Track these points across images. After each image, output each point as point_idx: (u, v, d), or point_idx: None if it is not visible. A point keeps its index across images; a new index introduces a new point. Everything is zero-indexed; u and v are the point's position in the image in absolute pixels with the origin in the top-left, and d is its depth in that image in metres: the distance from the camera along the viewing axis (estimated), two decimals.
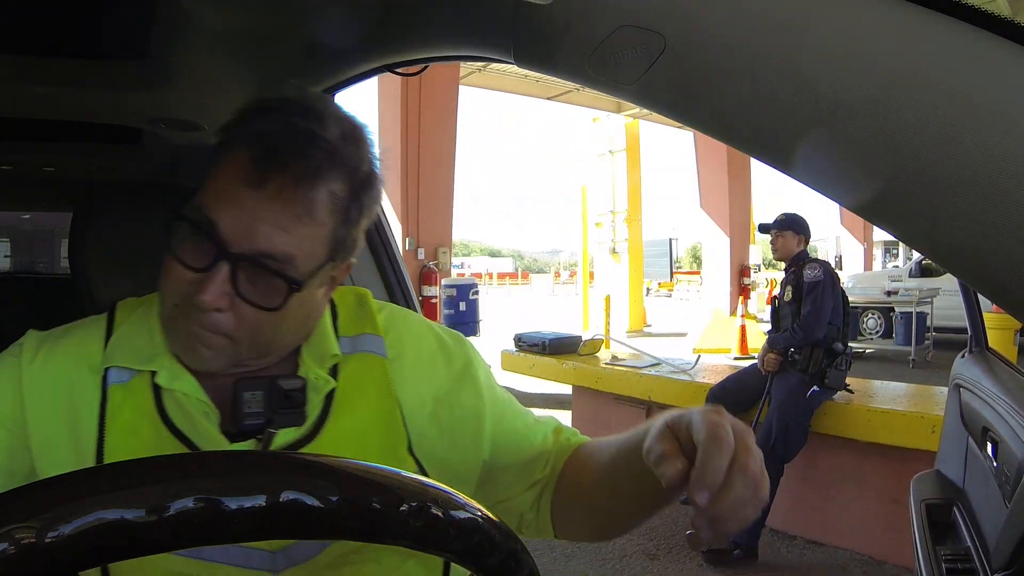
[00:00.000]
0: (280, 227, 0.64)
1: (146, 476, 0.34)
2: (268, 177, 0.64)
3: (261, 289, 0.66)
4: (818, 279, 3.49)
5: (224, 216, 0.64)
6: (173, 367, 0.70)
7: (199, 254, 0.65)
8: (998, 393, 1.06)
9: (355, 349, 0.76)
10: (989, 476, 1.00)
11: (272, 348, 0.71)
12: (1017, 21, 0.41)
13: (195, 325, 0.66)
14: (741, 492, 0.51)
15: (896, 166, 0.46)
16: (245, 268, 0.64)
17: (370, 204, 0.73)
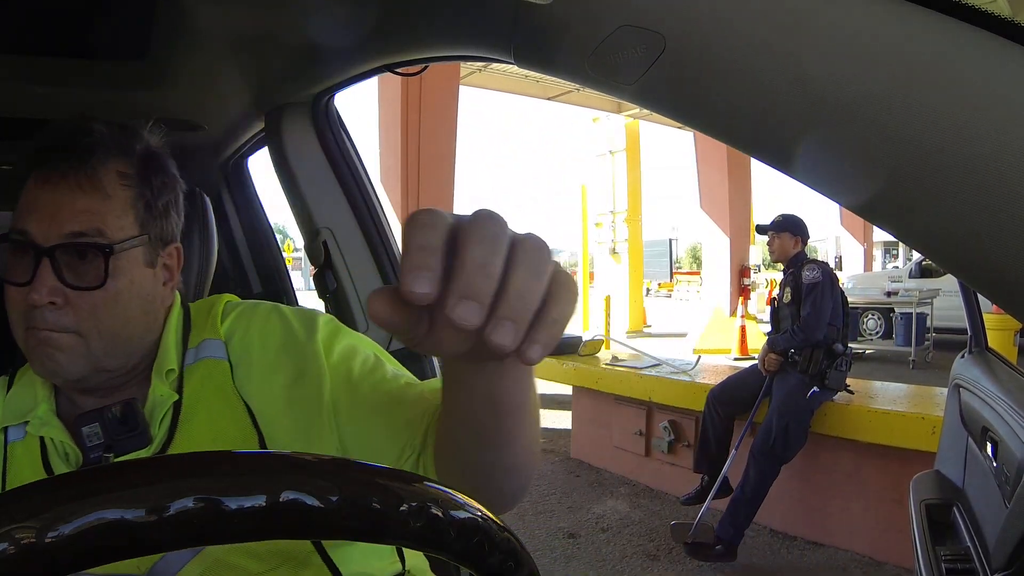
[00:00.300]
0: (77, 208, 0.70)
1: (146, 476, 0.34)
2: (52, 172, 0.71)
3: (83, 271, 0.70)
4: (817, 280, 3.49)
5: (30, 221, 0.70)
6: (45, 415, 0.74)
7: (24, 267, 0.69)
8: (998, 393, 1.06)
9: (197, 357, 0.78)
10: (989, 476, 1.00)
11: (122, 339, 0.73)
12: (1017, 21, 0.41)
13: (40, 331, 0.69)
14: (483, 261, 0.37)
15: (896, 166, 0.46)
16: (63, 256, 0.69)
17: (163, 184, 0.79)
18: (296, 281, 2.71)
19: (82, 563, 0.31)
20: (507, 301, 0.37)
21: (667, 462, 4.31)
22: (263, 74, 1.33)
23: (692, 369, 4.43)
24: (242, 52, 1.22)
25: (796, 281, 3.59)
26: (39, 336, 0.69)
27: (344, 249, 1.45)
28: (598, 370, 4.70)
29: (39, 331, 0.69)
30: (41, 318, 0.69)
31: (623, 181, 12.66)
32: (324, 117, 1.43)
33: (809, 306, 3.46)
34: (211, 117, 1.62)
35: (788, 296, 3.63)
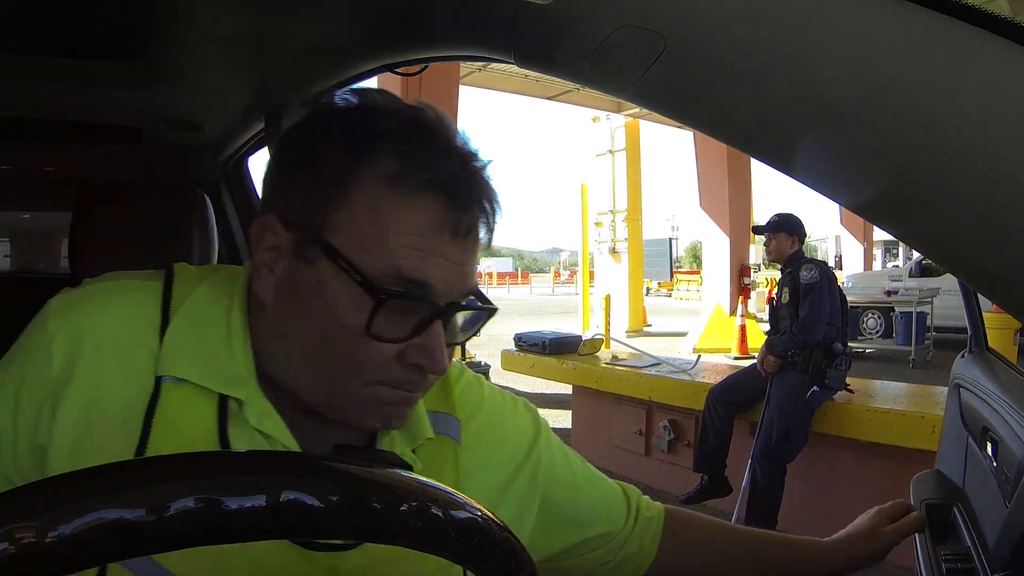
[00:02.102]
0: (474, 262, 0.61)
1: (146, 476, 0.34)
2: (469, 225, 0.58)
3: (458, 326, 0.62)
4: (814, 280, 3.49)
5: (435, 275, 0.57)
6: (261, 402, 0.61)
7: (400, 320, 0.57)
8: (998, 392, 1.06)
9: (436, 430, 0.70)
10: (989, 476, 1.00)
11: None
12: (1017, 21, 0.41)
13: (411, 394, 0.60)
14: None
15: (896, 166, 0.46)
16: (449, 315, 0.60)
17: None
18: None
19: (82, 563, 0.31)
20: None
21: (667, 461, 4.32)
22: (263, 74, 1.33)
23: (692, 368, 4.43)
24: (242, 52, 1.22)
25: (794, 281, 3.59)
26: (408, 397, 0.60)
27: None
28: (598, 369, 4.71)
29: (410, 394, 0.60)
30: (420, 383, 0.60)
31: (623, 181, 12.67)
32: None
33: (807, 306, 3.46)
34: (211, 117, 1.62)
35: (786, 296, 3.63)
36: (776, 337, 3.59)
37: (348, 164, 0.56)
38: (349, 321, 0.56)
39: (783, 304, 3.66)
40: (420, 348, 0.57)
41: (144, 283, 0.64)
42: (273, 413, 0.61)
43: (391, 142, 0.57)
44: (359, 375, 0.58)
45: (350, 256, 0.55)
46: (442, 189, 0.56)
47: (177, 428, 0.58)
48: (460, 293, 0.59)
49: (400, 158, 0.56)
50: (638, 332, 12.61)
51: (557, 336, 5.22)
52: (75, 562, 0.31)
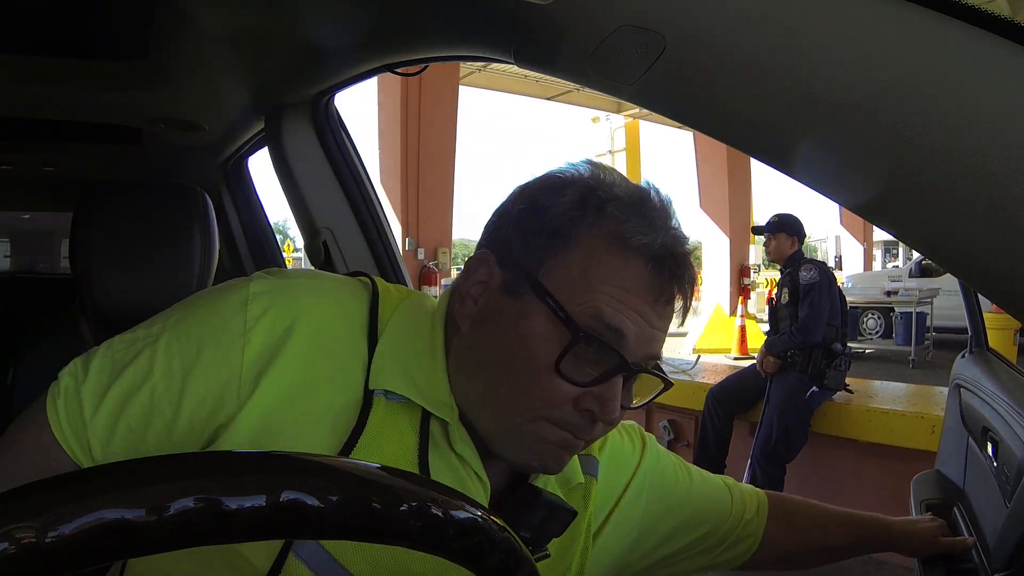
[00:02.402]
0: (665, 332, 0.63)
1: (146, 476, 0.34)
2: (671, 292, 0.61)
3: (632, 391, 0.64)
4: (814, 280, 3.49)
5: (629, 327, 0.59)
6: (460, 428, 0.62)
7: (586, 366, 0.59)
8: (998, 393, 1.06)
9: (583, 470, 0.73)
10: (989, 476, 1.00)
11: None
12: (1017, 21, 0.41)
13: (574, 440, 0.61)
14: None
15: (896, 166, 0.46)
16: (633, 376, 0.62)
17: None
18: None
19: (82, 563, 0.31)
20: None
21: None
22: (263, 74, 1.33)
23: (692, 368, 4.43)
24: (242, 52, 1.22)
25: (794, 282, 3.59)
26: (571, 442, 0.61)
27: (344, 249, 1.45)
28: None
29: (573, 439, 0.61)
30: (591, 432, 0.61)
31: None
32: (324, 117, 1.43)
33: (807, 307, 3.46)
34: (211, 117, 1.62)
35: (786, 296, 3.63)
36: (776, 337, 3.59)
37: (575, 218, 0.61)
38: (540, 354, 0.58)
39: (783, 304, 3.66)
40: (597, 397, 0.59)
41: (354, 290, 0.66)
42: (470, 442, 0.63)
43: (617, 207, 0.61)
44: (532, 409, 0.59)
45: (556, 294, 0.59)
46: (654, 257, 0.60)
47: (382, 443, 0.60)
48: (647, 356, 0.61)
49: (623, 222, 0.60)
50: None
51: None
52: (75, 562, 0.31)
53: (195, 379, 0.58)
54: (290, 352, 0.58)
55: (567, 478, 0.70)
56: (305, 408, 0.58)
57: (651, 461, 0.82)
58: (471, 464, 0.63)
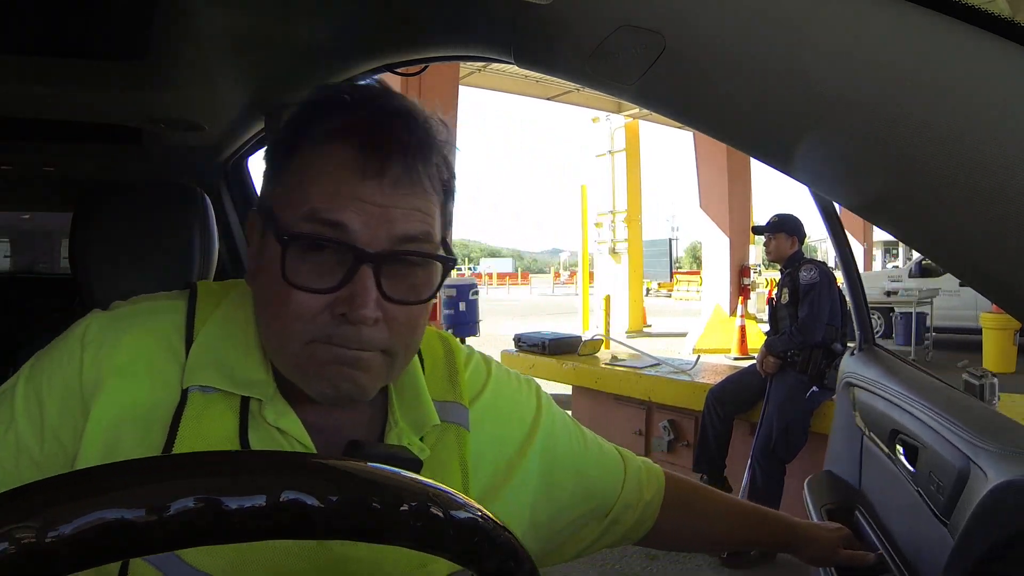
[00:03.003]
0: (412, 208, 0.59)
1: (146, 476, 0.34)
2: (387, 163, 0.58)
3: (408, 283, 0.60)
4: (814, 281, 3.49)
5: (351, 216, 0.57)
6: (279, 402, 0.63)
7: (327, 270, 0.58)
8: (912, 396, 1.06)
9: (444, 418, 0.71)
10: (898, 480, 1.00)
11: (414, 352, 0.66)
12: (1017, 21, 0.41)
13: (349, 350, 0.59)
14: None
15: (896, 166, 0.46)
16: (388, 266, 0.59)
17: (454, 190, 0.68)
18: None
19: (82, 563, 0.31)
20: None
21: (667, 461, 4.31)
22: (263, 74, 1.33)
23: (692, 369, 4.43)
24: (242, 52, 1.22)
25: (794, 282, 3.59)
26: (345, 355, 0.58)
27: None
28: (598, 370, 4.71)
29: (346, 350, 0.58)
30: (355, 336, 0.58)
31: (623, 181, 12.67)
32: None
33: (807, 307, 3.46)
34: (211, 117, 1.62)
35: (786, 297, 3.63)
36: (775, 338, 3.59)
37: (287, 137, 0.62)
38: (278, 275, 0.58)
39: (782, 304, 3.66)
40: (347, 298, 0.57)
41: (171, 303, 0.67)
42: (290, 412, 0.63)
43: (319, 107, 0.61)
44: (295, 334, 0.59)
45: (281, 212, 0.59)
46: (358, 135, 0.58)
47: (202, 432, 0.60)
48: (390, 239, 0.58)
49: (325, 116, 0.60)
50: (638, 332, 12.61)
51: (557, 336, 5.22)
52: (75, 562, 0.31)
53: (49, 411, 0.61)
54: (113, 381, 0.61)
55: (417, 422, 0.68)
56: (135, 418, 0.61)
57: (547, 420, 0.80)
58: (292, 434, 0.63)
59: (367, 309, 0.57)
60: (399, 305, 0.59)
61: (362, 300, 0.57)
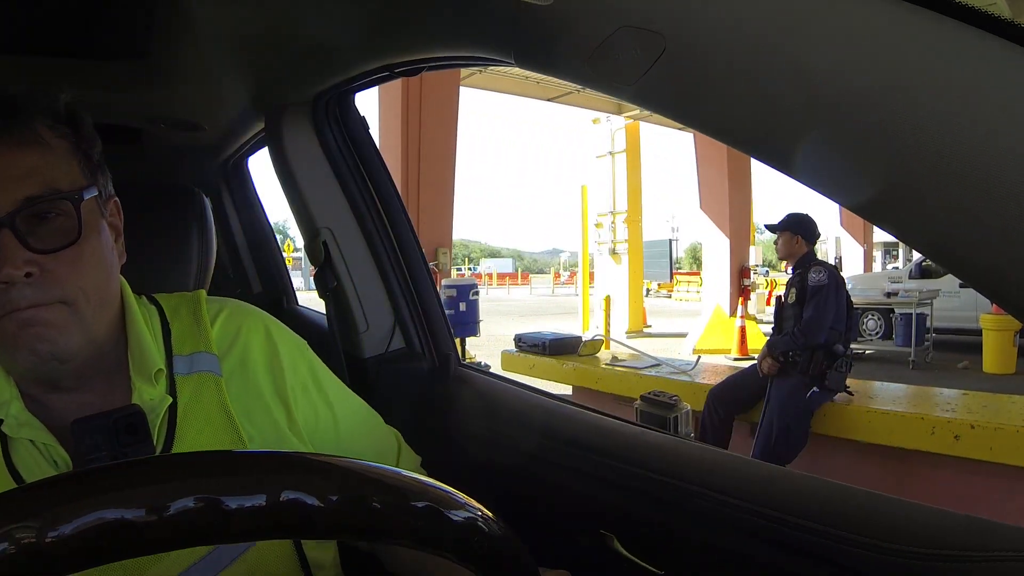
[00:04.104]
0: (24, 167, 0.63)
1: (146, 476, 0.34)
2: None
3: (51, 232, 0.63)
4: (822, 283, 3.48)
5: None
6: (21, 413, 0.66)
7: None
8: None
9: (192, 369, 0.74)
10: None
11: (107, 297, 0.69)
12: (1017, 22, 0.41)
13: (23, 312, 0.62)
14: None
15: (896, 167, 0.46)
16: (24, 223, 0.62)
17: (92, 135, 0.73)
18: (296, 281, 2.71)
19: (82, 563, 0.31)
20: None
21: None
22: (263, 74, 1.33)
23: (692, 369, 4.43)
24: (242, 52, 1.22)
25: (802, 282, 3.58)
26: (22, 317, 0.61)
27: (344, 249, 1.45)
28: (598, 370, 4.70)
29: (21, 312, 0.61)
30: (20, 296, 0.61)
31: (623, 182, 12.66)
32: (324, 117, 1.42)
33: (812, 309, 3.46)
34: (211, 117, 1.62)
35: (793, 296, 3.63)
36: (778, 338, 3.59)
37: None
38: None
39: (788, 304, 3.66)
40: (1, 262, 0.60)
41: None
42: (30, 419, 0.66)
43: None
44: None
45: None
46: None
47: None
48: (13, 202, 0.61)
49: None
50: (638, 333, 12.60)
51: (557, 337, 5.22)
52: (75, 562, 0.31)
53: None
54: None
55: (143, 372, 0.71)
56: None
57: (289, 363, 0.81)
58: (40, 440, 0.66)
59: (11, 267, 0.60)
60: (53, 254, 0.62)
61: (3, 260, 0.60)
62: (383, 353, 1.46)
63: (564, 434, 1.08)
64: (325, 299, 1.53)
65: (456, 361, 1.45)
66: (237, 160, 2.05)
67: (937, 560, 0.63)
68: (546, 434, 1.09)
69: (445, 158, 8.11)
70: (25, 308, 0.61)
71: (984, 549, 0.61)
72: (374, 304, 1.47)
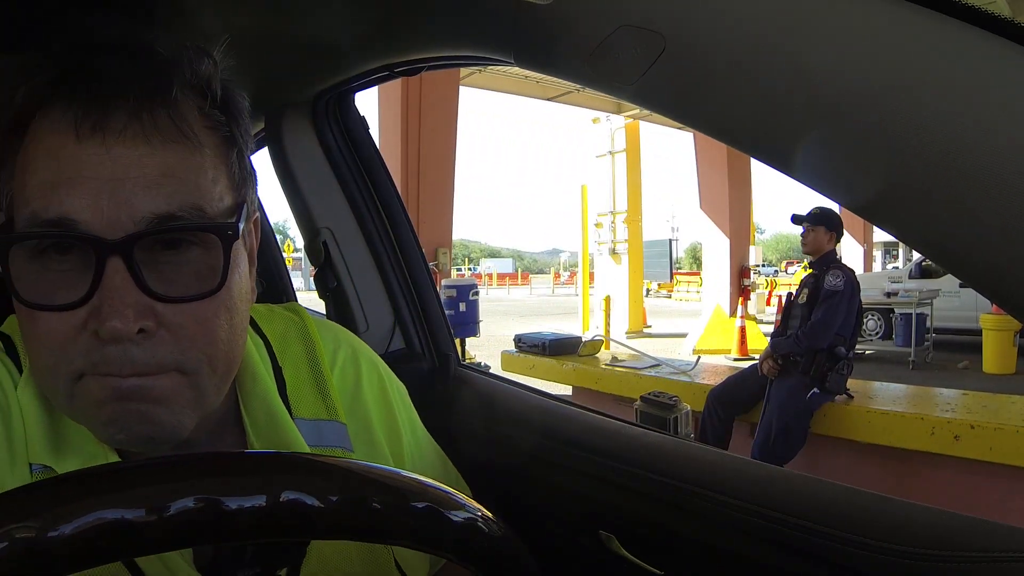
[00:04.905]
0: (160, 172, 0.44)
1: (146, 476, 0.34)
2: (107, 112, 0.44)
3: (185, 272, 0.46)
4: (837, 289, 3.43)
5: (74, 201, 0.43)
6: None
7: (70, 277, 0.44)
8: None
9: (319, 442, 0.58)
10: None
11: (232, 362, 0.50)
12: (1017, 21, 0.41)
13: (124, 379, 0.44)
14: None
15: (896, 166, 0.46)
16: (144, 254, 0.44)
17: (248, 126, 0.55)
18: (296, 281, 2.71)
19: (82, 563, 0.31)
20: None
21: None
22: (263, 74, 1.33)
23: (692, 369, 4.43)
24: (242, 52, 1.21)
25: (817, 283, 3.53)
26: (122, 388, 0.44)
27: (344, 249, 1.45)
28: (598, 370, 4.71)
29: (122, 380, 0.44)
30: (119, 358, 0.43)
31: (623, 182, 12.66)
32: (324, 117, 1.43)
33: (822, 313, 3.42)
34: None
35: (804, 296, 3.59)
36: (782, 339, 3.58)
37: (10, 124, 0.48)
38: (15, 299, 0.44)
39: (798, 303, 3.62)
40: (96, 308, 0.43)
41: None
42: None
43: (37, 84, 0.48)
44: (54, 370, 0.45)
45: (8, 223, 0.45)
46: (61, 90, 0.45)
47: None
48: (134, 219, 0.43)
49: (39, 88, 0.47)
50: (638, 333, 12.60)
51: (557, 337, 5.22)
52: (75, 562, 0.31)
53: None
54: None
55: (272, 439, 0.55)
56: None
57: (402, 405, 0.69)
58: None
59: (119, 319, 0.42)
60: (177, 304, 0.45)
61: (111, 308, 0.42)
62: (383, 353, 1.46)
63: (564, 434, 1.08)
64: (325, 299, 1.53)
65: (456, 361, 1.45)
66: None
67: (937, 560, 0.63)
68: (546, 434, 1.09)
69: (445, 158, 8.11)
70: (127, 376, 0.44)
71: (984, 549, 0.61)
72: (374, 304, 1.47)
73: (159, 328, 0.44)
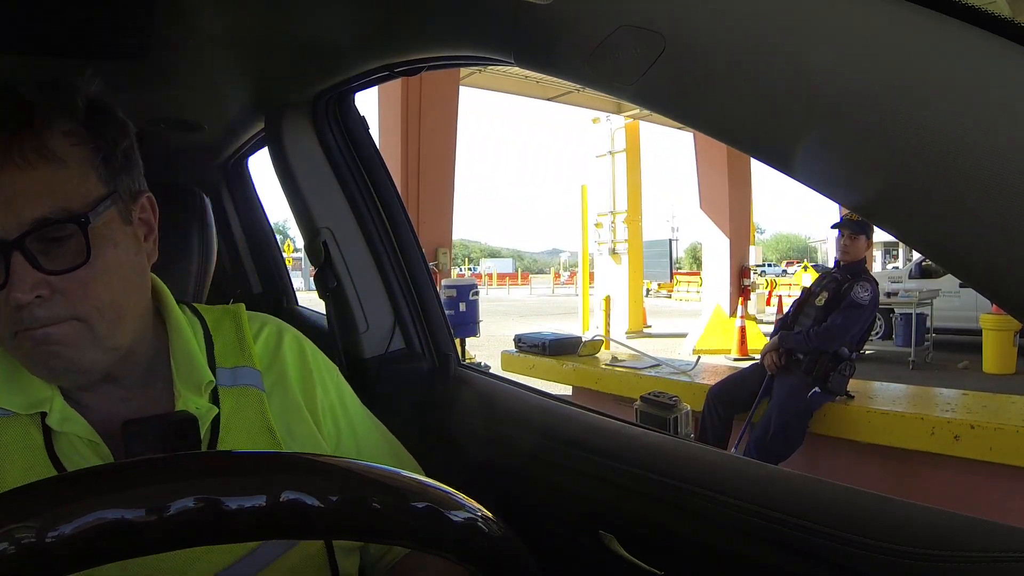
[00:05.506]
0: (35, 189, 0.62)
1: (146, 476, 0.34)
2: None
3: (61, 252, 0.63)
4: (863, 303, 3.40)
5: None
6: (64, 409, 0.68)
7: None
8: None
9: (235, 382, 0.76)
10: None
11: (123, 310, 0.68)
12: (1017, 21, 0.41)
13: (35, 331, 0.63)
14: None
15: (896, 166, 0.46)
16: (34, 244, 0.62)
17: (116, 132, 0.71)
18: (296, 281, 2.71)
19: (82, 563, 0.31)
20: None
21: None
22: (263, 74, 1.33)
23: (692, 369, 4.43)
24: (242, 52, 1.22)
25: (840, 288, 3.50)
26: (35, 336, 0.63)
27: (344, 249, 1.45)
28: (598, 370, 4.70)
29: (34, 331, 0.62)
30: (31, 316, 0.62)
31: (623, 182, 12.66)
32: (324, 117, 1.43)
33: (841, 319, 3.40)
34: (211, 117, 1.62)
35: (823, 299, 3.56)
36: (792, 334, 3.56)
37: None
38: None
39: (814, 304, 3.59)
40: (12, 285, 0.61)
41: None
42: (74, 415, 0.68)
43: None
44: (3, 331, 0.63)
45: None
46: None
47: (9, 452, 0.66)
48: (20, 224, 0.61)
49: None
50: (638, 333, 12.60)
51: (557, 337, 5.22)
52: (75, 562, 0.31)
53: None
54: None
55: (196, 383, 0.73)
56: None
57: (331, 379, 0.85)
58: (83, 435, 0.67)
59: (19, 292, 0.61)
60: (61, 275, 0.63)
61: (12, 285, 0.61)
62: (383, 353, 1.46)
63: (564, 434, 1.08)
64: (325, 299, 1.53)
65: (456, 361, 1.45)
66: (237, 160, 2.05)
67: (937, 561, 0.63)
68: (546, 434, 1.09)
69: (445, 158, 8.11)
70: (37, 328, 0.63)
71: (984, 549, 0.61)
72: (374, 304, 1.47)
73: (54, 294, 0.63)
